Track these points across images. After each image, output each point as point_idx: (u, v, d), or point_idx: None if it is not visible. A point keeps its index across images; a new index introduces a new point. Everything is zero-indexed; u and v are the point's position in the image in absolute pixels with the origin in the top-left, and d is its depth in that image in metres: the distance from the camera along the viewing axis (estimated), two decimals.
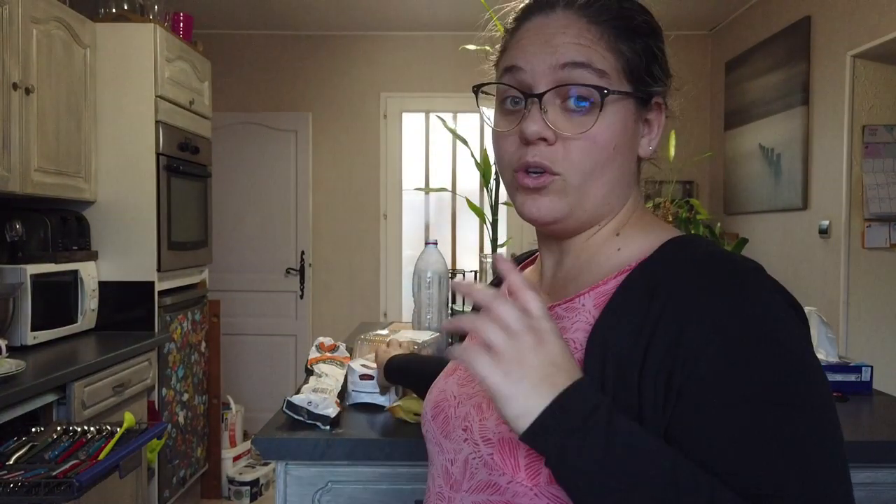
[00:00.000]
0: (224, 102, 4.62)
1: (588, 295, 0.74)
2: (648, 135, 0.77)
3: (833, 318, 3.17)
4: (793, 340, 0.67)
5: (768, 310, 0.66)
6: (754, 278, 0.68)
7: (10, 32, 2.33)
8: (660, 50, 0.77)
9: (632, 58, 0.74)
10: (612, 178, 0.74)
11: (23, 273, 2.41)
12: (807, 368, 0.67)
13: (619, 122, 0.73)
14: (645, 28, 0.77)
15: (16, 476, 1.56)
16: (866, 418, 1.47)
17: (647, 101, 0.75)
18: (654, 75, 0.75)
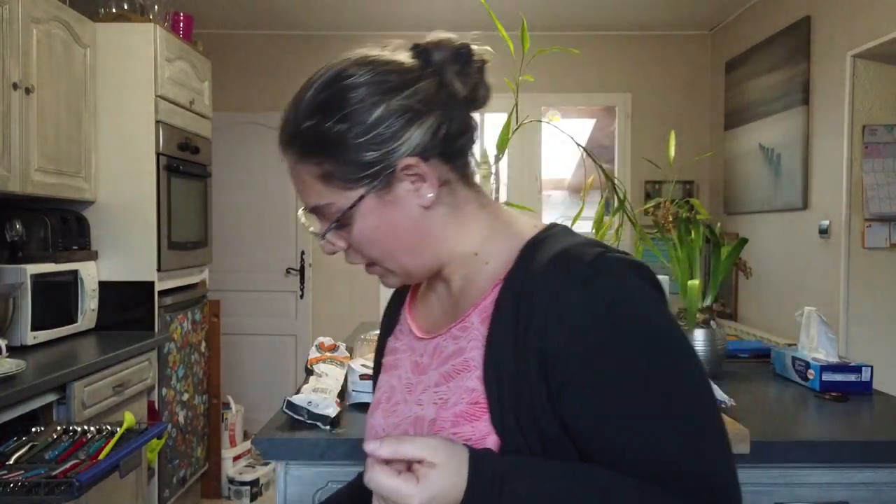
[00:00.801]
0: (224, 102, 4.62)
1: (474, 313, 0.79)
2: (420, 184, 0.77)
3: (833, 318, 3.17)
4: (651, 317, 0.72)
5: (619, 294, 0.71)
6: (600, 265, 0.72)
7: (10, 32, 2.32)
8: (364, 136, 0.75)
9: (337, 170, 0.76)
10: (413, 242, 0.79)
11: (23, 273, 2.40)
12: (672, 340, 0.72)
13: (370, 220, 0.77)
14: (331, 139, 0.76)
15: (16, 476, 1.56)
16: (866, 418, 1.47)
17: (385, 176, 0.76)
18: (366, 163, 0.75)
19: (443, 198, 0.79)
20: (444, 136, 0.77)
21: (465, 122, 0.80)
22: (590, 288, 0.70)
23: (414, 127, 0.75)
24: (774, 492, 1.27)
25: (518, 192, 4.74)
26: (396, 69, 0.77)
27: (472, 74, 0.80)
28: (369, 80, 0.76)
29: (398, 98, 0.75)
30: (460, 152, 0.80)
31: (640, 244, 1.91)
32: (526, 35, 1.87)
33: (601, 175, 1.95)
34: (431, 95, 0.77)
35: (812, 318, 1.75)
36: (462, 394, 0.76)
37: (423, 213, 0.78)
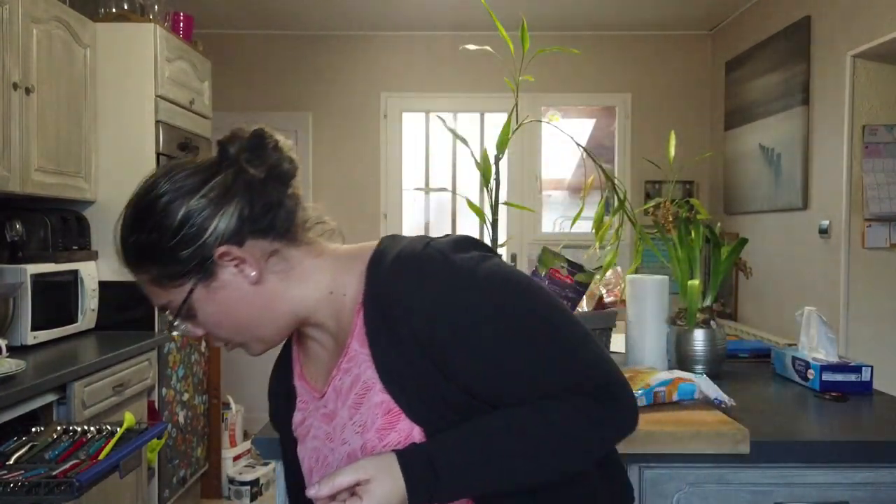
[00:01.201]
0: (224, 102, 4.61)
1: (353, 341, 0.88)
2: (242, 266, 0.86)
3: (833, 318, 3.17)
4: (482, 274, 0.84)
5: (449, 269, 0.83)
6: (426, 253, 0.85)
7: (10, 32, 2.32)
8: (173, 238, 0.84)
9: (162, 272, 0.85)
10: (257, 315, 0.88)
11: (23, 273, 2.40)
12: (509, 283, 0.85)
13: (208, 306, 0.87)
14: (147, 248, 0.85)
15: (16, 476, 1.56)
16: (866, 418, 1.47)
17: (207, 268, 0.85)
18: (184, 261, 0.84)
19: (273, 266, 0.87)
20: (251, 217, 0.85)
21: (272, 199, 0.86)
22: (425, 275, 0.83)
23: (216, 219, 0.84)
24: (774, 492, 1.27)
25: (518, 192, 4.74)
26: (193, 171, 0.86)
27: (267, 157, 0.87)
28: (169, 188, 0.84)
29: (196, 198, 0.84)
30: (273, 225, 0.87)
31: (640, 244, 1.91)
32: (526, 35, 1.87)
33: (601, 175, 1.95)
34: (228, 186, 0.85)
35: (812, 318, 1.75)
36: (374, 410, 0.85)
37: (255, 288, 0.87)
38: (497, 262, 0.87)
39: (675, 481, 1.27)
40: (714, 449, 1.24)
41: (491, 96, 4.67)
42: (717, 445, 1.23)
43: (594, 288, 1.95)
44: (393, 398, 0.84)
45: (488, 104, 4.77)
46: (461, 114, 4.87)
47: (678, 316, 1.76)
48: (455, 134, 2.02)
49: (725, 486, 1.27)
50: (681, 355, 1.74)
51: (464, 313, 0.82)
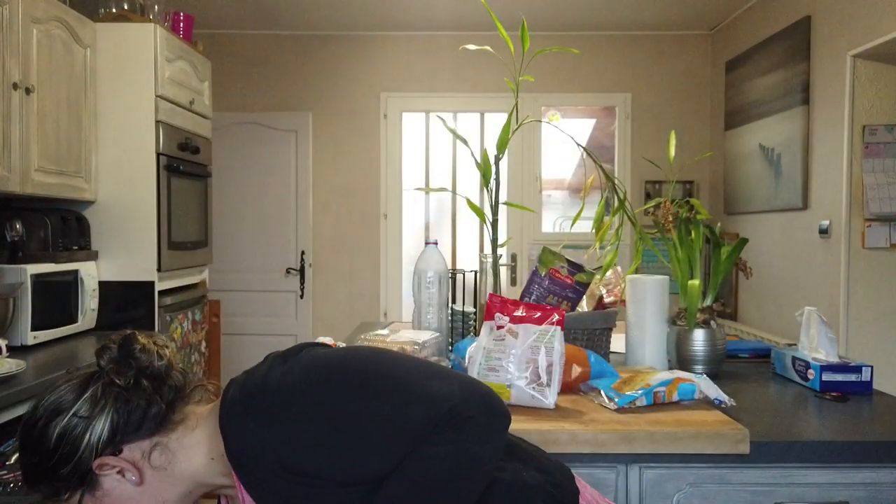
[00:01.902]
0: (224, 102, 4.62)
1: (241, 491, 0.89)
2: (122, 473, 0.89)
3: (833, 318, 3.17)
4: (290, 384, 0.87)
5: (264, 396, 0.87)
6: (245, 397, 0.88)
7: (10, 32, 2.32)
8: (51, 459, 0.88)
9: (50, 490, 0.89)
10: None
11: (23, 273, 2.40)
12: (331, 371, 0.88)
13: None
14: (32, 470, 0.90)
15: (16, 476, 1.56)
16: (866, 418, 1.47)
17: (88, 480, 0.88)
18: (66, 477, 0.88)
19: (155, 461, 0.90)
20: (123, 425, 0.89)
21: (142, 402, 0.90)
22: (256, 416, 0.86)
23: (88, 433, 0.87)
24: (774, 492, 1.27)
25: (518, 192, 4.74)
26: (68, 389, 0.90)
27: (134, 363, 0.92)
28: (43, 411, 0.89)
29: (67, 416, 0.88)
30: (147, 426, 0.90)
31: (640, 244, 1.91)
32: (526, 35, 1.87)
33: (601, 175, 1.95)
34: (97, 400, 0.89)
35: (812, 318, 1.75)
36: None
37: (142, 488, 0.90)
38: (311, 357, 0.91)
39: (675, 481, 1.28)
40: (714, 449, 1.24)
41: (491, 96, 4.67)
42: (717, 445, 1.23)
43: (594, 288, 1.95)
44: None
45: (488, 104, 4.77)
46: (461, 114, 4.87)
47: (678, 316, 1.76)
48: (455, 134, 2.02)
49: (725, 486, 1.27)
50: (681, 355, 1.74)
51: (295, 432, 0.84)
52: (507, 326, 1.42)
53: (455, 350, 1.70)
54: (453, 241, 4.94)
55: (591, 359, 1.51)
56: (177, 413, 0.93)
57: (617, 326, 1.87)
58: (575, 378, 1.48)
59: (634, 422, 1.28)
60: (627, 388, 1.39)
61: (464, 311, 1.96)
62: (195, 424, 0.93)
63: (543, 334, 1.38)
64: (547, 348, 1.36)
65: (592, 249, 1.98)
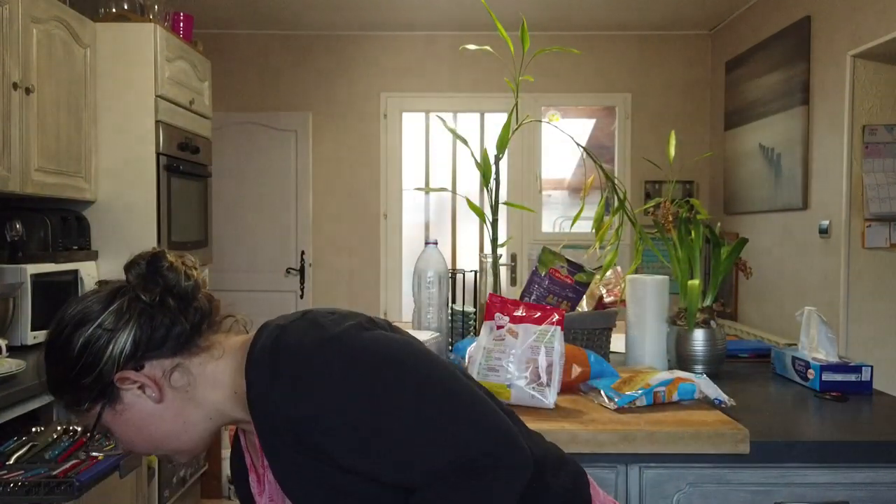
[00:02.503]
0: (224, 102, 4.62)
1: (256, 438, 0.89)
2: (142, 389, 0.90)
3: (833, 318, 3.17)
4: (340, 355, 0.84)
5: (303, 358, 0.84)
6: (279, 350, 0.86)
7: (10, 32, 2.32)
8: (73, 369, 0.88)
9: (71, 399, 0.91)
10: (168, 429, 0.92)
11: (23, 273, 2.40)
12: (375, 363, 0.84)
13: (119, 427, 0.91)
14: (54, 379, 0.91)
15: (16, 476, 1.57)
16: (866, 418, 1.47)
17: (108, 392, 0.89)
18: (87, 387, 0.88)
19: (176, 382, 0.90)
20: (146, 341, 0.89)
21: (166, 320, 0.90)
22: (279, 370, 0.84)
23: (111, 345, 0.88)
24: (774, 492, 1.27)
25: (518, 192, 4.74)
26: (94, 301, 0.91)
27: (161, 280, 0.91)
28: (69, 320, 0.89)
29: (92, 327, 0.88)
30: (170, 345, 0.90)
31: (640, 244, 1.91)
32: (526, 35, 1.87)
33: (601, 175, 1.95)
34: (122, 313, 0.89)
35: (812, 318, 1.75)
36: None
37: (161, 406, 0.90)
38: (359, 334, 0.87)
39: (675, 481, 1.27)
40: (714, 449, 1.24)
41: (491, 96, 4.67)
42: (717, 445, 1.23)
43: (594, 288, 1.95)
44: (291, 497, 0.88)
45: (488, 104, 4.77)
46: (461, 114, 4.87)
47: (678, 316, 1.76)
48: (455, 134, 2.02)
49: (725, 486, 1.27)
50: (681, 355, 1.74)
51: (324, 402, 0.82)
52: (507, 326, 1.42)
53: (455, 350, 1.70)
54: (453, 241, 4.94)
55: (591, 359, 1.51)
56: (202, 338, 0.92)
57: (617, 326, 1.87)
58: (575, 378, 1.48)
59: (634, 422, 1.28)
60: (627, 388, 1.39)
61: (464, 311, 1.96)
62: (220, 354, 0.92)
63: (543, 334, 1.38)
64: (547, 348, 1.36)
65: (592, 249, 1.98)
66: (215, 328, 0.95)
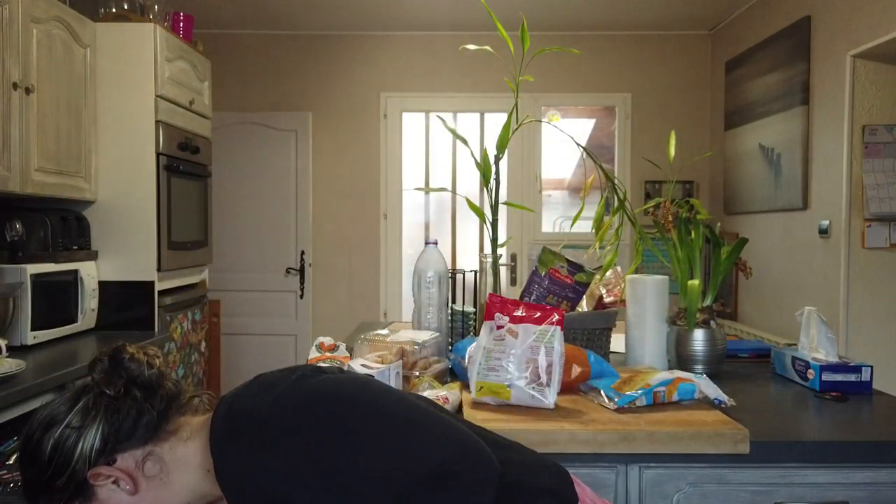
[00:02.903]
0: (224, 102, 4.62)
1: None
2: (117, 482, 0.90)
3: (833, 318, 3.17)
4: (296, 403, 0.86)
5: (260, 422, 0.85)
6: (235, 412, 0.87)
7: (10, 32, 2.32)
8: (47, 470, 0.88)
9: (49, 499, 0.90)
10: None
11: (23, 273, 2.40)
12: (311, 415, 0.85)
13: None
14: (30, 483, 0.91)
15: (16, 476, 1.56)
16: (866, 418, 1.47)
17: (84, 490, 0.89)
18: (62, 487, 0.89)
19: (149, 471, 0.91)
20: (114, 434, 0.89)
21: (133, 411, 0.91)
22: (236, 444, 0.85)
23: (80, 443, 0.88)
24: (774, 492, 1.27)
25: (518, 192, 4.74)
26: (62, 402, 0.92)
27: (124, 372, 0.93)
28: (36, 426, 0.90)
29: (60, 428, 0.89)
30: (139, 435, 0.91)
31: (640, 244, 1.91)
32: (526, 35, 1.87)
33: (601, 175, 1.95)
34: (88, 410, 0.90)
35: (812, 318, 1.75)
36: None
37: (137, 497, 0.90)
38: (315, 382, 0.89)
39: (675, 481, 1.27)
40: (714, 449, 1.24)
41: (491, 96, 4.67)
42: (717, 445, 1.23)
43: (594, 288, 1.95)
44: None
45: (488, 104, 4.77)
46: (461, 114, 4.87)
47: (678, 316, 1.76)
48: (455, 134, 2.02)
49: (725, 486, 1.27)
50: (681, 355, 1.74)
51: (278, 467, 0.83)
52: (507, 326, 1.42)
53: (455, 350, 1.70)
54: (453, 241, 4.94)
55: (591, 359, 1.51)
56: (170, 423, 0.93)
57: (617, 326, 1.87)
58: (575, 378, 1.48)
59: (634, 422, 1.28)
60: (627, 388, 1.39)
61: (464, 310, 1.96)
62: (188, 436, 0.93)
63: (543, 334, 1.38)
64: (547, 348, 1.36)
65: (592, 249, 1.98)
66: (182, 410, 0.96)
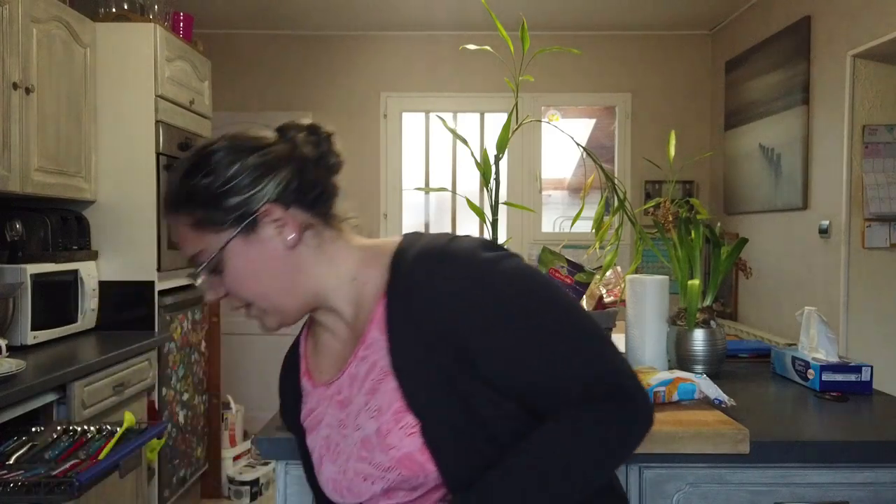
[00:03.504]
0: (224, 102, 4.62)
1: (372, 328, 0.90)
2: (282, 227, 0.91)
3: (833, 318, 3.17)
4: (507, 271, 0.86)
5: (474, 264, 0.86)
6: (451, 249, 0.88)
7: (10, 32, 2.32)
8: (225, 185, 0.89)
9: (207, 216, 0.89)
10: (283, 281, 0.92)
11: (23, 273, 2.40)
12: (530, 280, 0.87)
13: (240, 260, 0.90)
14: (199, 190, 0.90)
15: (16, 476, 1.56)
16: (866, 418, 1.47)
17: (250, 220, 0.89)
18: (230, 208, 0.89)
19: (308, 240, 0.92)
20: (298, 188, 0.91)
21: (318, 180, 0.94)
22: (450, 269, 0.86)
23: (268, 178, 0.89)
24: (774, 492, 1.27)
25: (518, 192, 4.74)
26: (253, 137, 0.93)
27: (321, 143, 0.95)
28: (227, 145, 0.91)
29: (253, 156, 0.90)
30: (318, 202, 0.94)
31: (640, 244, 1.91)
32: (526, 35, 1.87)
33: (601, 175, 1.95)
34: (283, 156, 0.91)
35: (812, 318, 1.75)
36: (389, 395, 0.87)
37: (288, 252, 0.91)
38: (520, 261, 0.90)
39: (675, 481, 1.27)
40: (714, 449, 1.24)
41: (491, 96, 4.67)
42: (716, 445, 1.23)
43: (594, 288, 1.95)
44: (401, 387, 0.86)
45: (488, 104, 4.77)
46: (461, 114, 4.87)
47: (678, 316, 1.76)
48: (455, 134, 2.02)
49: (725, 486, 1.27)
50: (681, 355, 1.74)
51: (489, 307, 0.84)
52: None
53: None
54: None
55: None
56: (335, 218, 0.96)
57: (617, 326, 1.87)
58: None
59: None
60: None
61: None
62: (349, 241, 0.97)
63: None
64: None
65: (592, 249, 1.98)
66: (341, 218, 0.98)
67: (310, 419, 1.00)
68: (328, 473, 0.94)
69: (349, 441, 0.91)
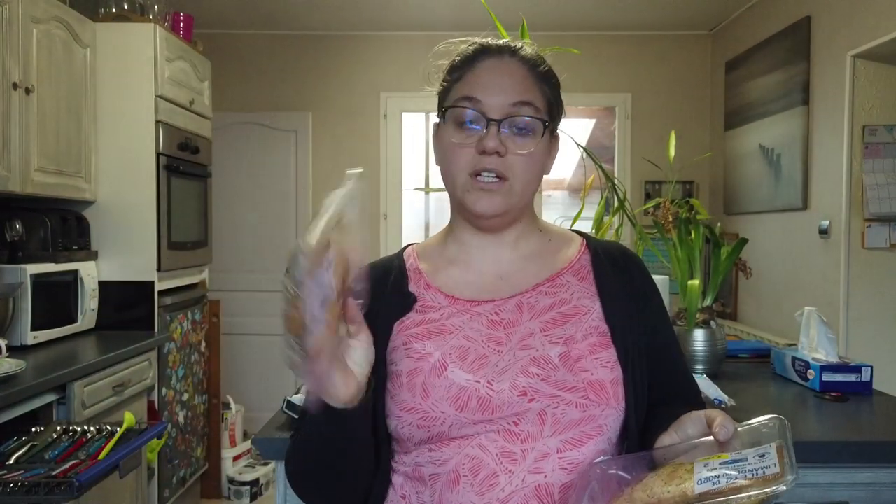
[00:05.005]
0: (224, 102, 4.62)
1: (567, 273, 1.00)
2: (550, 158, 1.03)
3: (833, 318, 3.17)
4: None
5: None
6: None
7: (10, 32, 2.32)
8: (558, 92, 1.02)
9: (550, 99, 0.99)
10: (535, 188, 1.01)
11: (23, 273, 2.40)
12: None
13: (544, 147, 0.99)
14: (554, 76, 1.02)
15: (16, 476, 1.56)
16: (866, 418, 1.47)
17: (553, 131, 1.01)
18: (560, 112, 1.02)
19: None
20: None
21: None
22: (637, 260, 1.06)
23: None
24: None
25: None
26: None
27: None
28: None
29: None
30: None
31: (640, 244, 1.91)
32: (526, 35, 1.87)
33: (601, 175, 1.95)
34: None
35: (812, 318, 1.75)
36: (588, 330, 0.94)
37: (549, 166, 1.03)
38: None
39: None
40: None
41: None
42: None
43: None
44: (610, 330, 0.94)
45: None
46: None
47: (678, 316, 1.76)
48: None
49: None
50: None
51: (660, 300, 1.04)
52: None
53: None
54: None
55: None
56: None
57: None
58: None
59: None
60: None
61: None
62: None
63: None
64: None
65: None
66: None
67: (422, 327, 0.99)
68: (457, 377, 0.92)
69: (507, 356, 0.93)
